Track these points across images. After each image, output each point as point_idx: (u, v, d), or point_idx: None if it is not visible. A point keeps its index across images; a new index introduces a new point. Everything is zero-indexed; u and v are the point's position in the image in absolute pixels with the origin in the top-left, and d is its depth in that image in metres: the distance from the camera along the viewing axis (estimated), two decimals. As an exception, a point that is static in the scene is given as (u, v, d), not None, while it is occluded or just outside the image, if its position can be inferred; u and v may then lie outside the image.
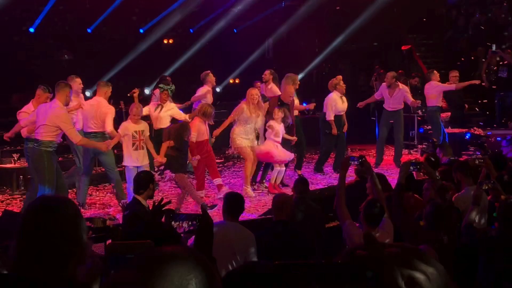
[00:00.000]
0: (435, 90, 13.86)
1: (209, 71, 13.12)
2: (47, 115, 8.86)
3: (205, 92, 12.85)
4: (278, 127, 11.52)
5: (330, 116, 12.87)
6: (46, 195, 8.56)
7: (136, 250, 2.76)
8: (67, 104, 9.25)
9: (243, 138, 11.19)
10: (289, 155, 11.69)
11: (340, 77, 13.39)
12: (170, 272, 1.79)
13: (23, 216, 2.68)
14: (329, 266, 2.43)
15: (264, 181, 12.16)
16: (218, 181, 10.87)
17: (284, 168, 11.93)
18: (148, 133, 10.13)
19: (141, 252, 1.99)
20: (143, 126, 10.07)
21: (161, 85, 12.15)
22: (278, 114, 11.57)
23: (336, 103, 12.94)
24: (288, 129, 11.77)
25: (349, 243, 5.74)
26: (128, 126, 9.95)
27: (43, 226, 2.52)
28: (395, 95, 13.53)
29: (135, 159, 9.91)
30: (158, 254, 1.86)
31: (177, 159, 10.17)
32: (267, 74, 12.68)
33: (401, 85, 13.82)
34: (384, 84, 13.89)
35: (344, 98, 13.09)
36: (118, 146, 10.57)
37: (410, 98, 13.57)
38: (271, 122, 11.50)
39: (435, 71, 14.26)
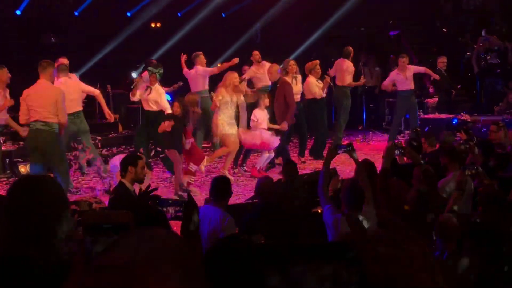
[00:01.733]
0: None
1: (200, 52, 13.13)
2: None
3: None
4: (261, 114, 11.61)
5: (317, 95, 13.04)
6: (28, 174, 8.60)
7: (112, 220, 2.76)
8: None
9: (227, 124, 11.25)
10: (274, 141, 11.73)
11: (317, 61, 13.47)
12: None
13: (7, 194, 2.71)
14: (312, 245, 2.47)
15: (244, 164, 12.23)
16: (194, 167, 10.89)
17: (272, 154, 11.98)
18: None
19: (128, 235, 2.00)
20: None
21: (150, 68, 12.12)
22: (261, 98, 11.71)
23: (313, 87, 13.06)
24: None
25: (328, 227, 5.81)
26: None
27: (26, 204, 2.54)
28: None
29: None
30: (145, 236, 1.88)
31: (173, 135, 10.30)
32: (258, 53, 13.02)
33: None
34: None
35: (320, 82, 13.17)
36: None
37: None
38: (254, 111, 11.61)
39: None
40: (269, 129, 11.74)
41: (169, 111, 11.13)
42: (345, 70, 14.15)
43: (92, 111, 14.68)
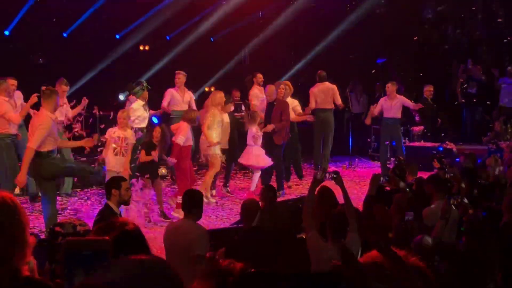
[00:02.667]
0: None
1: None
2: None
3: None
4: (255, 132, 11.68)
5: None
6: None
7: (93, 247, 2.75)
8: None
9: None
10: (267, 162, 11.80)
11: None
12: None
13: None
14: (304, 275, 2.47)
15: (227, 184, 12.26)
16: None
17: (259, 173, 12.01)
18: (133, 142, 10.12)
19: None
20: (129, 133, 10.08)
21: (137, 90, 11.99)
22: (253, 117, 11.79)
23: None
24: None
25: (311, 254, 5.82)
26: (112, 132, 10.04)
27: None
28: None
29: (114, 164, 9.92)
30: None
31: (154, 164, 10.29)
32: (261, 76, 13.13)
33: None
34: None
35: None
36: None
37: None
38: (253, 128, 11.68)
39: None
40: (262, 146, 11.82)
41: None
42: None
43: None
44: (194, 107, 12.99)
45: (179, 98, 13.00)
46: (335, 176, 6.32)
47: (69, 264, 2.79)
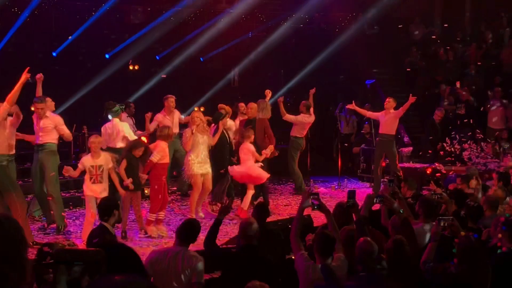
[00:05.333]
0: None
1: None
2: None
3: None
4: (251, 147, 11.68)
5: None
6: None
7: (83, 258, 2.72)
8: None
9: (196, 164, 11.28)
10: (265, 175, 11.81)
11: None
12: None
13: None
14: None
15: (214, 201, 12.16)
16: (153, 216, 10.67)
17: (253, 191, 11.99)
18: (110, 165, 10.05)
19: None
20: (102, 160, 10.01)
21: (115, 109, 11.85)
22: (247, 133, 11.78)
23: None
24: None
25: (299, 274, 5.84)
26: (84, 161, 9.97)
27: None
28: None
29: (93, 191, 9.89)
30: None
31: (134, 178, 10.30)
32: (243, 105, 13.21)
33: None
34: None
35: None
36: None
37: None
38: (245, 145, 11.67)
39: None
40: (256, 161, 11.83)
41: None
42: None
43: (67, 151, 14.56)
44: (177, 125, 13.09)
45: (168, 122, 12.92)
46: (315, 207, 6.44)
47: (57, 276, 2.75)
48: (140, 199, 10.60)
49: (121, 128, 11.44)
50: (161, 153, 10.50)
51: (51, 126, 10.45)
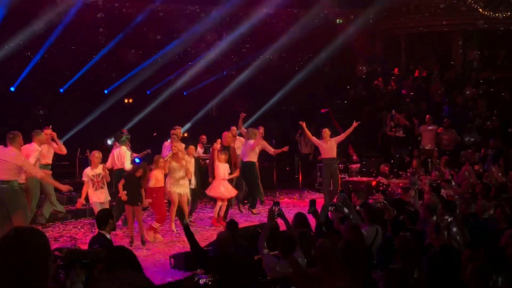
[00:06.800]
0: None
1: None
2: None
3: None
4: (222, 167, 11.71)
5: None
6: (19, 227, 8.30)
7: (89, 257, 2.73)
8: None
9: (174, 184, 11.12)
10: (231, 193, 11.84)
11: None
12: None
13: None
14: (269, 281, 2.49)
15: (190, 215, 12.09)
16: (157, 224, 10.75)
17: (225, 203, 11.98)
18: (106, 175, 10.06)
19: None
20: (99, 169, 10.06)
21: (123, 139, 11.84)
22: (221, 156, 11.79)
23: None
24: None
25: (267, 269, 5.85)
26: (87, 172, 10.01)
27: (16, 256, 2.45)
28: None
29: (98, 197, 9.86)
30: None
31: (129, 192, 10.27)
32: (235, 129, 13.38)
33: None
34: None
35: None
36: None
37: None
38: (217, 164, 11.72)
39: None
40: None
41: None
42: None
43: (73, 171, 14.46)
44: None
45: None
46: (277, 212, 6.53)
47: (69, 271, 2.76)
48: (140, 211, 10.49)
49: (125, 155, 11.46)
50: (153, 179, 10.52)
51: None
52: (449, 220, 6.83)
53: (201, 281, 5.38)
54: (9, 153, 8.54)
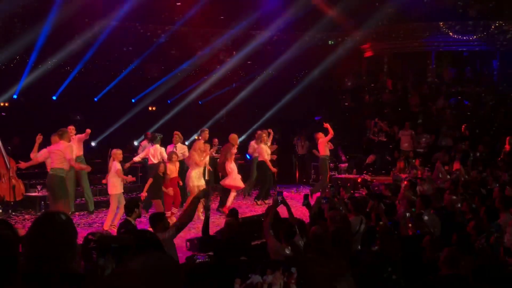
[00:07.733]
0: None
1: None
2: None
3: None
4: (233, 165, 11.81)
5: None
6: (49, 211, 8.33)
7: (118, 242, 2.73)
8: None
9: (197, 178, 11.08)
10: (240, 185, 11.88)
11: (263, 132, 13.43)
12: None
13: (32, 225, 2.56)
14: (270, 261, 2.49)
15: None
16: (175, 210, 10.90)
17: (235, 194, 12.01)
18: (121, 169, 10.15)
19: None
20: (119, 164, 10.06)
21: (157, 139, 11.84)
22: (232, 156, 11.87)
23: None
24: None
25: (271, 253, 5.82)
26: (118, 167, 10.00)
27: (47, 235, 2.45)
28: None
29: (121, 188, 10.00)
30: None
31: (154, 187, 10.40)
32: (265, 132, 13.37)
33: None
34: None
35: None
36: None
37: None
38: (228, 163, 11.73)
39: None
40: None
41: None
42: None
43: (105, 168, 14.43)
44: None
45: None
46: (281, 200, 6.47)
47: (99, 254, 2.75)
48: (160, 204, 10.52)
49: (161, 150, 11.56)
50: (168, 171, 10.78)
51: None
52: (421, 212, 6.85)
53: (198, 261, 5.38)
54: (63, 145, 9.13)
